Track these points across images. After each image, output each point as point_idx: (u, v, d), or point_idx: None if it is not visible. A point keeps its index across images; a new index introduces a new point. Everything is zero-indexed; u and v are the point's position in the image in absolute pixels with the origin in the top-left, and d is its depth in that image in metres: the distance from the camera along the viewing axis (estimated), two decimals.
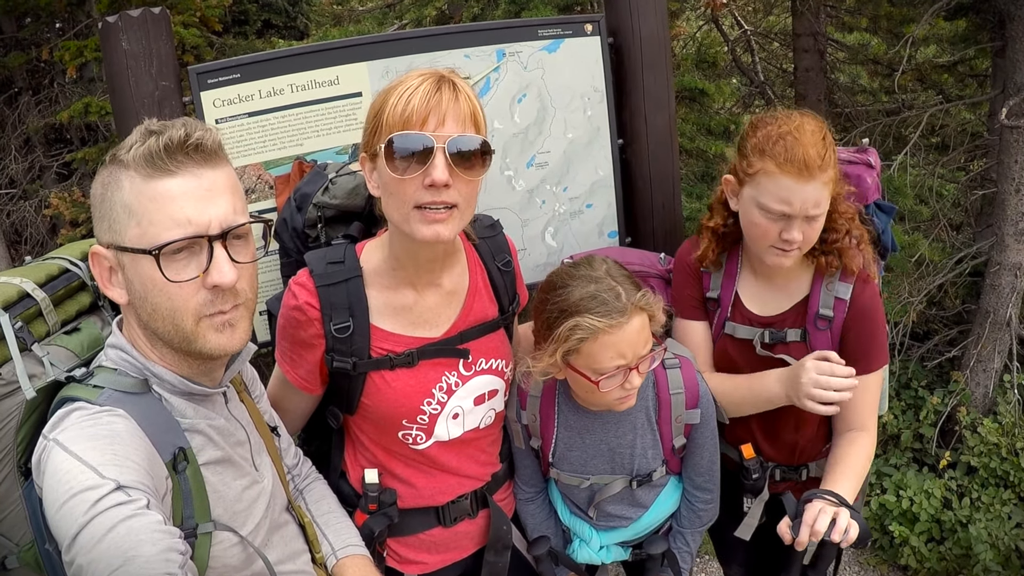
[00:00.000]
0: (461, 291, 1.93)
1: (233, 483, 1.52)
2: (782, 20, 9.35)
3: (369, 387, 1.85)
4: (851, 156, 2.31)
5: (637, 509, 2.16)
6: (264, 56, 2.50)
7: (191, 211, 1.34)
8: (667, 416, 2.06)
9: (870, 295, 2.10)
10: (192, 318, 1.39)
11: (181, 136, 1.33)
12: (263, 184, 2.48)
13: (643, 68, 2.83)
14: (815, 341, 2.11)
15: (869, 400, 2.14)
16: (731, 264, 2.25)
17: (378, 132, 1.63)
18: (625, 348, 1.81)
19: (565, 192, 2.82)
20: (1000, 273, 5.88)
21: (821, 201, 1.94)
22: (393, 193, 1.65)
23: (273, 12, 9.14)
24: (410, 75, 1.65)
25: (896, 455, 5.99)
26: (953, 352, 6.45)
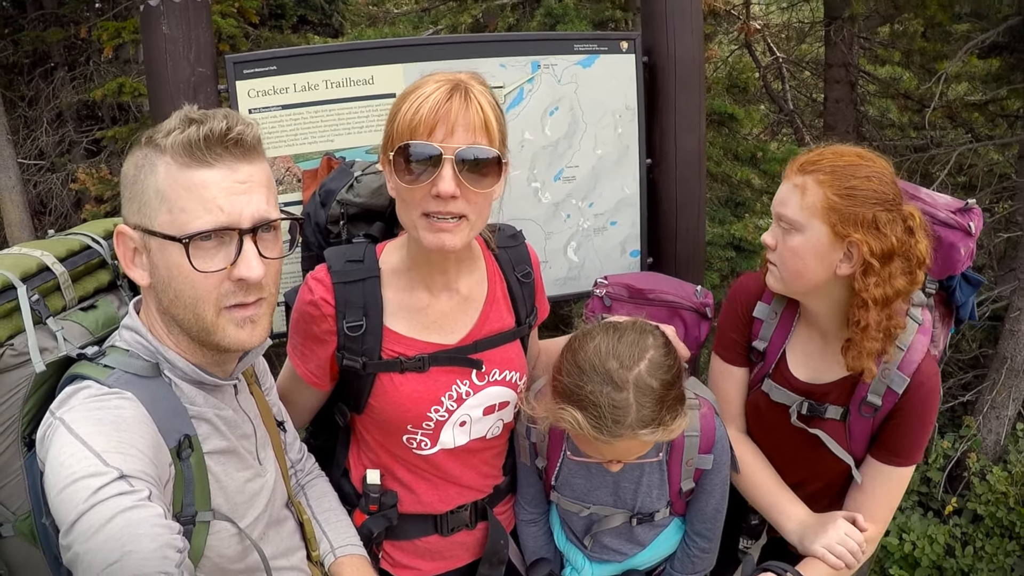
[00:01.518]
0: (479, 299, 1.92)
1: (236, 474, 1.51)
2: (815, 49, 9.34)
3: (377, 388, 1.84)
4: (950, 218, 1.98)
5: (634, 546, 2.10)
6: (302, 51, 2.52)
7: (224, 202, 1.33)
8: (678, 458, 1.98)
9: (928, 389, 1.87)
10: (213, 309, 1.38)
11: (222, 128, 1.33)
12: (291, 177, 2.50)
13: (676, 89, 2.83)
14: (854, 425, 1.95)
15: (889, 493, 1.98)
16: (787, 316, 2.05)
17: (390, 138, 1.64)
18: (608, 454, 1.78)
19: (591, 208, 2.82)
20: (1020, 319, 5.84)
21: (785, 202, 1.82)
22: (403, 199, 1.67)
23: (309, 8, 9.18)
24: (427, 80, 1.63)
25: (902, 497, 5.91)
26: (967, 396, 6.40)
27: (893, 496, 1.98)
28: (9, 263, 1.54)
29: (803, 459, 2.06)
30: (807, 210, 1.78)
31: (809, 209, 1.78)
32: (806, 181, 1.79)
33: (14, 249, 1.63)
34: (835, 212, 1.75)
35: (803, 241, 1.80)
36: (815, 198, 1.77)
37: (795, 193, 1.81)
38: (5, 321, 1.47)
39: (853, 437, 1.98)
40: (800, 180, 1.81)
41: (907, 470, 1.97)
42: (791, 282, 1.88)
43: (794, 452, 2.06)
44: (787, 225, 1.82)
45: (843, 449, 1.97)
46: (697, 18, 2.90)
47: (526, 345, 2.06)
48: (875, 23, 8.34)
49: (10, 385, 1.45)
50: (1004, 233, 6.59)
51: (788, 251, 1.83)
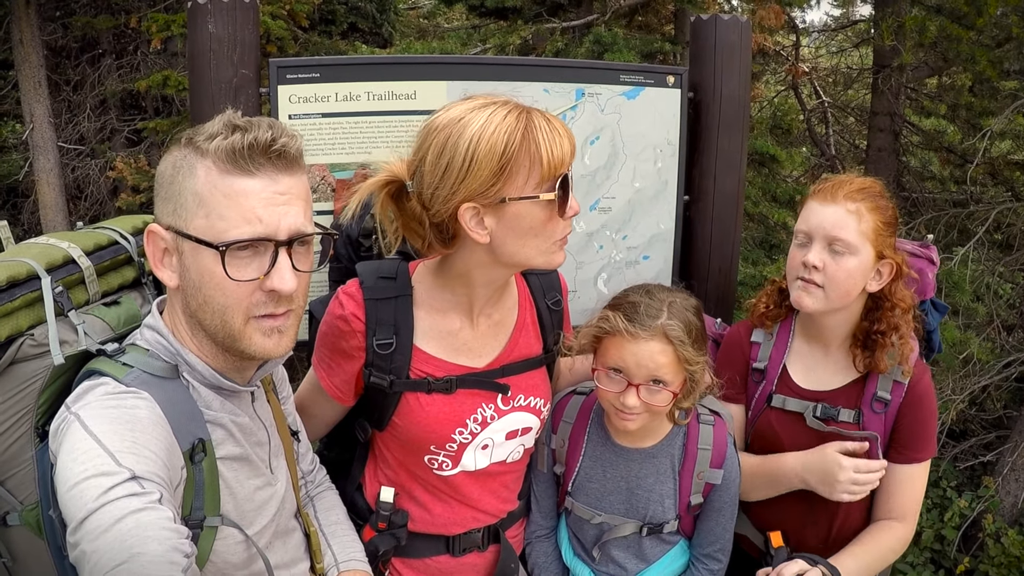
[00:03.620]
0: (509, 324, 1.91)
1: (247, 482, 1.50)
2: (861, 96, 9.31)
3: (403, 407, 1.82)
4: (915, 249, 2.24)
5: (640, 562, 2.11)
6: (346, 60, 2.53)
7: (263, 213, 1.32)
8: (690, 469, 2.04)
9: (926, 383, 2.06)
10: (242, 317, 1.37)
11: (267, 139, 1.32)
12: (325, 185, 2.49)
13: (720, 127, 2.81)
14: (869, 424, 2.05)
15: (915, 490, 2.09)
16: (783, 334, 2.19)
17: (530, 174, 1.59)
18: (630, 359, 1.86)
19: (624, 240, 2.80)
20: None
21: (842, 226, 1.94)
22: (541, 234, 1.64)
23: (360, 16, 9.24)
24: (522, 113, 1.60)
25: (915, 553, 5.85)
26: (988, 457, 6.31)
27: (918, 492, 2.11)
28: (35, 252, 1.54)
29: None
30: (863, 235, 1.94)
31: (864, 234, 1.94)
32: (860, 208, 1.95)
33: (42, 239, 1.64)
34: (880, 237, 1.96)
35: (858, 263, 1.95)
36: (868, 225, 1.94)
37: (852, 218, 1.94)
38: (27, 311, 1.47)
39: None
40: (854, 207, 1.95)
41: (925, 465, 2.09)
42: (838, 300, 1.99)
43: None
44: (843, 248, 1.95)
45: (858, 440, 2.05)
46: (746, 58, 2.88)
47: (552, 372, 2.06)
48: (923, 74, 8.31)
49: (27, 375, 1.44)
50: None
51: (844, 272, 1.95)
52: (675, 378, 1.88)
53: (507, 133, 1.56)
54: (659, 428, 2.06)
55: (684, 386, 1.92)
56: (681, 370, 1.89)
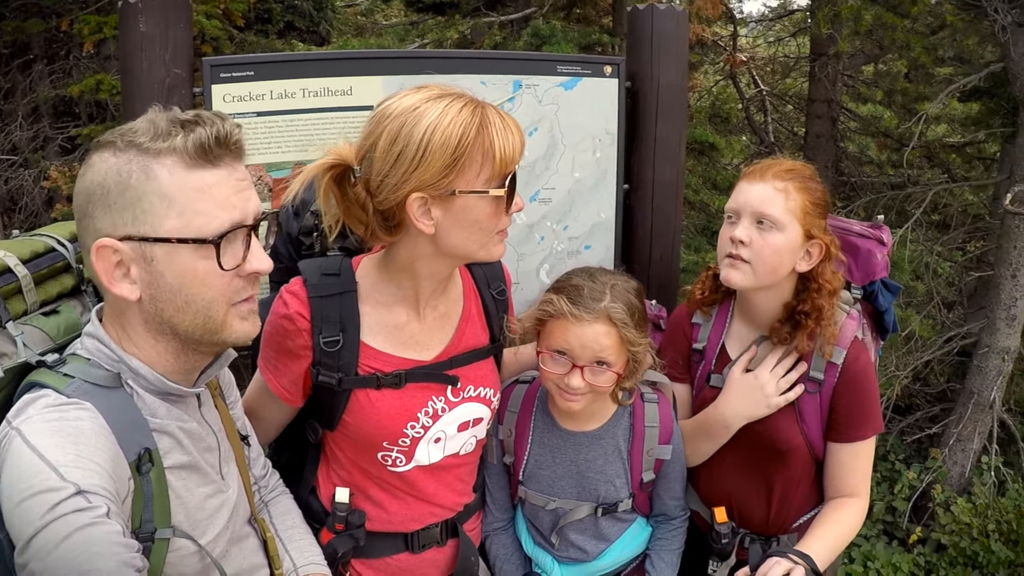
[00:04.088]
0: (455, 316, 1.91)
1: (197, 490, 1.46)
2: (799, 84, 9.47)
3: (353, 405, 1.80)
4: (864, 230, 2.27)
5: (600, 542, 2.14)
6: (280, 57, 2.50)
7: (235, 200, 1.35)
8: (639, 448, 2.08)
9: (864, 363, 2.07)
10: (225, 307, 1.38)
11: (227, 131, 1.33)
12: (262, 186, 2.46)
13: (658, 116, 2.83)
14: (803, 404, 2.08)
15: (861, 467, 2.12)
16: (721, 315, 2.24)
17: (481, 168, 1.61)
18: (574, 342, 1.88)
19: (565, 231, 2.81)
20: (988, 356, 5.92)
21: (769, 202, 1.97)
22: (484, 227, 1.66)
23: (297, 15, 9.14)
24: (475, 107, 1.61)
25: (867, 526, 5.98)
26: (934, 429, 6.49)
27: (865, 468, 2.14)
28: None
29: (763, 452, 2.13)
30: (789, 212, 1.97)
31: (792, 212, 1.97)
32: (788, 187, 1.98)
33: None
34: (808, 217, 1.99)
35: (784, 239, 1.98)
36: (796, 203, 1.97)
37: (779, 196, 1.98)
38: None
39: (805, 419, 2.09)
40: (782, 185, 1.98)
41: (869, 442, 2.12)
42: (765, 276, 2.01)
43: (752, 446, 2.12)
44: (770, 224, 1.98)
45: (796, 428, 2.09)
46: (683, 47, 2.91)
47: (499, 362, 2.07)
48: (860, 62, 8.49)
49: None
50: (975, 272, 6.68)
51: (770, 248, 1.98)
52: (618, 359, 1.92)
53: (462, 127, 1.57)
54: (604, 410, 2.08)
55: (627, 367, 1.96)
56: (624, 351, 1.92)
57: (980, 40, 6.83)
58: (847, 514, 2.10)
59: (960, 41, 6.81)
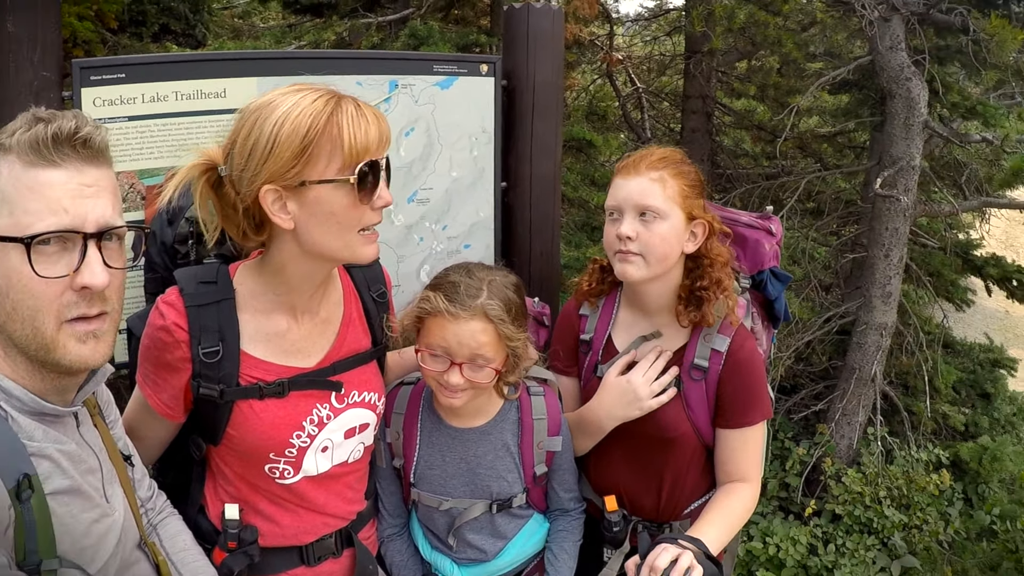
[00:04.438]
0: (335, 321, 1.89)
1: (81, 515, 1.40)
2: (674, 81, 9.74)
3: (236, 417, 1.77)
4: (752, 221, 2.32)
5: (497, 540, 2.14)
6: (152, 59, 2.40)
7: (69, 204, 1.28)
8: (529, 441, 2.09)
9: (748, 349, 2.10)
10: (54, 321, 1.30)
11: (71, 128, 1.28)
12: (134, 193, 2.36)
13: (534, 114, 2.85)
14: (688, 391, 2.11)
15: (750, 453, 2.14)
16: (608, 306, 2.26)
17: (331, 158, 1.58)
18: (451, 339, 1.89)
19: (444, 231, 2.80)
20: (866, 332, 6.19)
21: (648, 194, 2.01)
22: (341, 221, 1.62)
23: (173, 17, 8.85)
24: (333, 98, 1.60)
25: (763, 503, 6.18)
26: (819, 406, 6.74)
27: (755, 454, 2.16)
28: None
29: (650, 440, 2.15)
30: (669, 199, 2.02)
31: (671, 199, 2.02)
32: (663, 175, 2.03)
33: None
34: (687, 200, 2.04)
35: (669, 227, 2.02)
36: (674, 190, 2.02)
37: (656, 186, 2.02)
38: None
39: (691, 406, 2.12)
40: (657, 175, 2.03)
41: (759, 427, 2.14)
42: (657, 265, 2.04)
43: (639, 435, 2.15)
44: (653, 215, 2.01)
45: (683, 415, 2.12)
46: (558, 44, 2.94)
47: (383, 366, 2.06)
48: (733, 58, 8.79)
49: None
50: (850, 254, 7.00)
51: (658, 237, 2.01)
52: (497, 355, 1.93)
53: (311, 116, 1.56)
54: (489, 405, 2.09)
55: (507, 362, 1.97)
56: (503, 347, 1.93)
57: (849, 35, 7.17)
58: (738, 498, 2.13)
59: (830, 37, 7.13)
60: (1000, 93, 7.31)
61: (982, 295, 8.01)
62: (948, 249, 7.03)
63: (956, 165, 7.47)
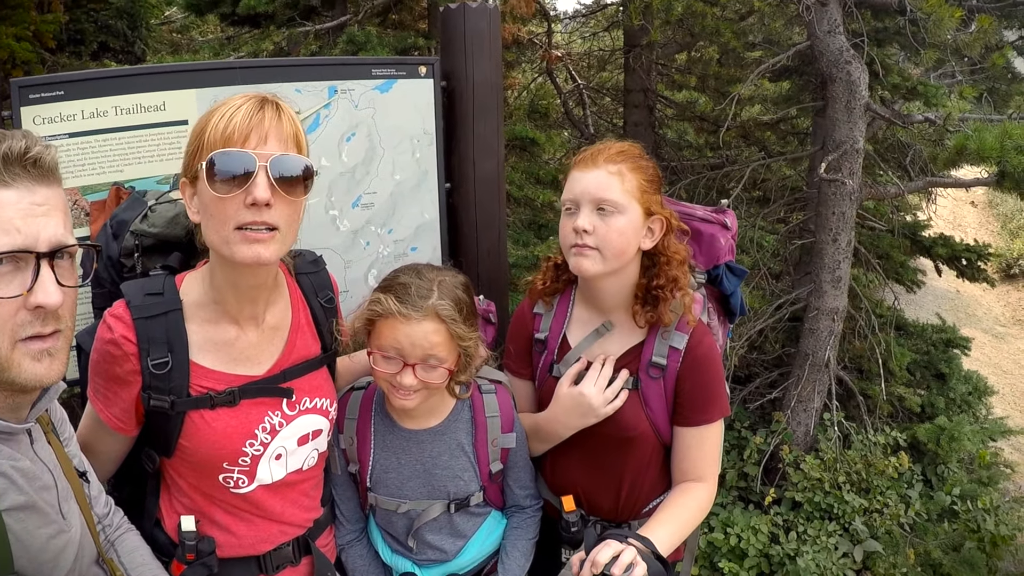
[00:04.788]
0: (284, 328, 1.89)
1: (37, 531, 1.39)
2: (615, 76, 9.81)
3: (188, 427, 1.77)
4: (707, 215, 2.30)
5: (457, 540, 2.14)
6: (90, 75, 2.39)
7: (21, 224, 1.28)
8: (483, 439, 2.10)
9: (707, 346, 2.08)
10: (8, 341, 1.30)
11: (21, 148, 1.29)
12: (78, 210, 2.34)
13: (475, 113, 2.85)
14: (647, 389, 2.09)
15: (707, 451, 2.12)
16: (562, 305, 2.24)
17: (199, 151, 1.61)
18: (404, 341, 1.88)
19: (390, 234, 2.79)
20: (818, 318, 6.27)
21: (606, 187, 1.97)
22: (213, 215, 1.61)
23: (111, 35, 8.78)
24: (233, 97, 1.63)
25: (722, 494, 6.22)
26: (774, 394, 6.81)
27: (712, 452, 2.14)
28: None
29: (608, 440, 2.14)
30: (627, 193, 1.98)
31: (629, 193, 1.98)
32: (621, 169, 2.00)
33: None
34: (645, 195, 2.01)
35: (627, 221, 1.99)
36: (632, 184, 1.99)
37: (615, 179, 1.98)
38: None
39: (649, 404, 2.10)
40: (615, 168, 2.00)
41: (716, 425, 2.13)
42: (613, 260, 2.01)
43: (597, 435, 2.13)
44: (611, 208, 1.98)
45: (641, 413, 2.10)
46: (495, 43, 2.94)
47: (334, 372, 2.06)
48: (672, 50, 8.88)
49: None
50: (798, 240, 7.10)
51: (615, 232, 1.98)
52: (449, 355, 1.93)
53: (208, 112, 1.61)
54: (442, 406, 2.09)
55: (459, 361, 1.97)
56: (455, 347, 1.93)
57: (787, 22, 7.27)
58: (692, 497, 2.10)
59: (768, 25, 7.21)
60: (940, 72, 7.47)
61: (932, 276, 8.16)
62: (896, 231, 7.15)
63: (900, 146, 7.61)
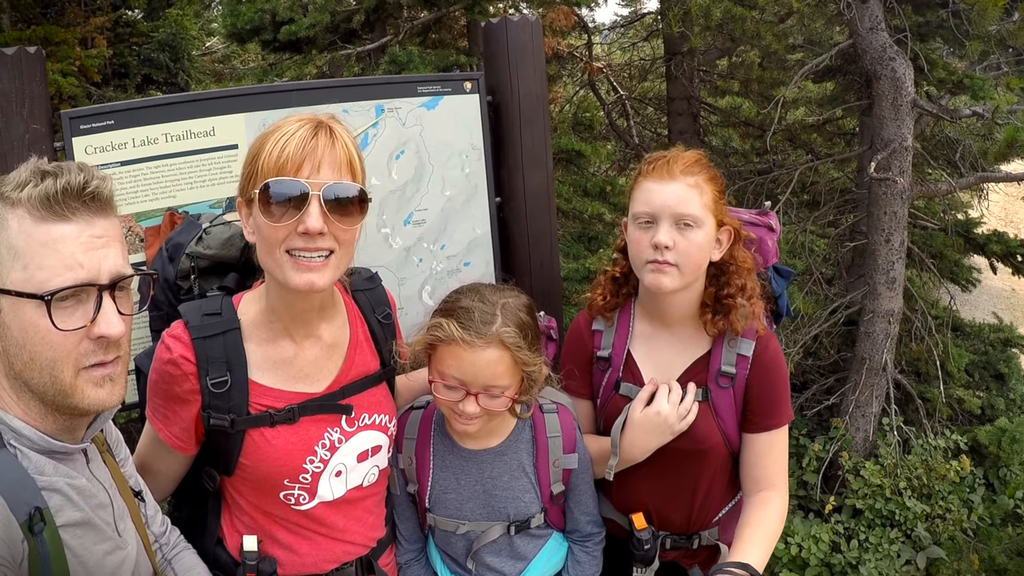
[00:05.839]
0: (342, 344, 1.88)
1: (94, 548, 1.41)
2: (657, 85, 9.76)
3: (248, 446, 1.77)
4: (752, 218, 2.27)
5: (517, 562, 2.09)
6: (139, 103, 2.42)
7: (83, 258, 1.30)
8: (544, 460, 2.05)
9: (773, 351, 2.05)
10: (72, 370, 1.33)
11: (80, 182, 1.30)
12: (132, 236, 2.37)
13: (521, 126, 2.84)
14: (717, 399, 2.06)
15: (777, 458, 2.09)
16: (623, 319, 2.18)
17: (254, 177, 1.61)
18: (468, 368, 1.83)
19: (443, 250, 2.78)
20: (874, 320, 6.15)
21: (687, 201, 1.93)
22: (266, 238, 1.62)
23: (154, 67, 9.00)
24: (288, 120, 1.64)
25: None
26: (832, 400, 6.69)
27: (781, 458, 2.11)
28: None
29: (680, 454, 2.10)
30: (705, 207, 1.95)
31: (707, 206, 1.95)
32: (699, 181, 1.96)
33: None
34: (717, 206, 1.99)
35: (704, 235, 1.96)
36: (709, 197, 1.96)
37: (694, 192, 1.95)
38: None
39: (720, 414, 2.07)
40: (693, 181, 1.95)
41: (784, 430, 2.10)
42: (691, 275, 1.98)
43: (668, 449, 2.09)
44: (691, 222, 1.94)
45: (713, 424, 2.06)
46: (539, 55, 2.93)
47: (393, 387, 2.05)
48: (713, 56, 8.82)
49: None
50: (850, 243, 6.97)
51: (695, 246, 1.95)
52: (513, 381, 1.88)
53: (262, 135, 1.62)
54: (503, 426, 2.05)
55: (521, 386, 1.92)
56: (518, 372, 1.88)
57: (827, 21, 7.19)
58: (771, 511, 2.06)
59: (808, 25, 7.13)
60: (985, 64, 7.30)
61: (986, 274, 7.97)
62: (949, 229, 6.99)
63: (948, 143, 7.46)
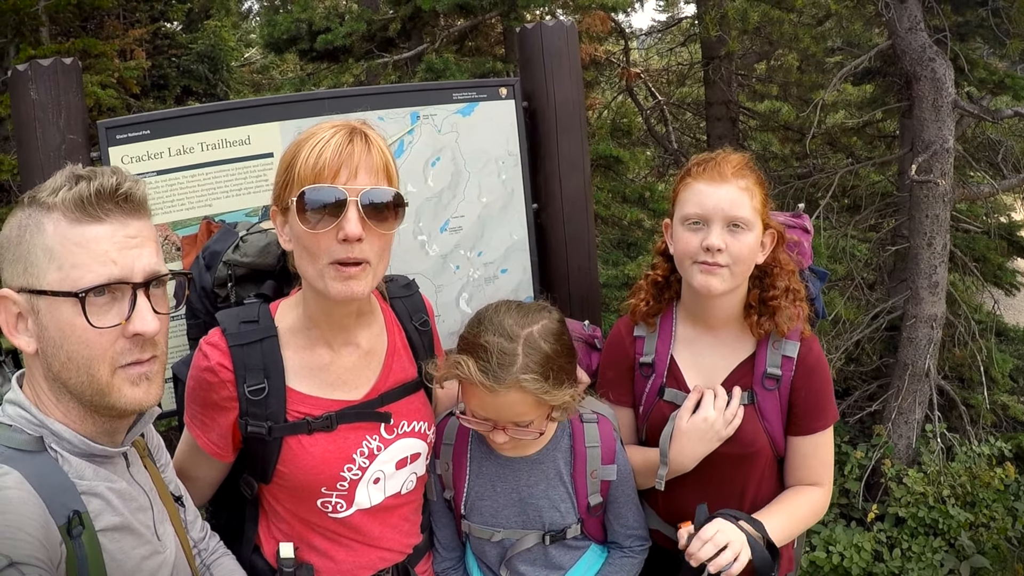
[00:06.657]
0: (380, 352, 1.88)
1: (132, 552, 1.42)
2: (695, 90, 9.70)
3: (286, 453, 1.77)
4: (788, 220, 2.28)
5: (552, 572, 2.07)
6: (175, 113, 2.44)
7: (117, 256, 1.33)
8: (582, 470, 2.03)
9: (817, 352, 2.07)
10: (108, 368, 1.35)
11: (112, 184, 1.33)
12: (169, 245, 2.40)
13: (558, 131, 2.82)
14: (762, 402, 2.06)
15: (822, 458, 2.10)
16: (665, 324, 2.18)
17: (289, 185, 1.61)
18: (490, 408, 1.82)
19: (480, 257, 2.77)
20: (916, 326, 6.04)
21: (739, 204, 1.94)
22: (307, 248, 1.62)
23: (193, 78, 9.14)
24: (321, 127, 1.64)
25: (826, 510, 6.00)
26: (874, 406, 6.58)
27: (826, 459, 2.12)
28: None
29: (727, 459, 2.08)
30: (755, 210, 1.97)
31: (756, 209, 1.97)
32: (749, 184, 1.97)
33: None
34: (765, 209, 2.01)
35: (754, 238, 1.97)
36: (758, 200, 1.98)
37: (745, 195, 1.96)
38: None
39: (766, 417, 2.07)
40: (744, 184, 1.97)
41: (829, 432, 2.10)
42: (740, 277, 2.00)
43: (714, 455, 2.07)
44: (742, 225, 1.95)
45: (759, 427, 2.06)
46: (575, 61, 2.92)
47: (431, 395, 2.04)
48: (752, 60, 8.75)
49: None
50: (891, 247, 6.86)
51: (746, 249, 1.96)
52: (540, 414, 1.87)
53: (296, 143, 1.62)
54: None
55: (552, 413, 1.90)
56: (546, 406, 1.85)
57: (866, 23, 7.10)
58: (808, 498, 2.08)
59: (847, 27, 7.06)
60: None
61: None
62: (992, 232, 6.86)
63: (990, 144, 7.33)
